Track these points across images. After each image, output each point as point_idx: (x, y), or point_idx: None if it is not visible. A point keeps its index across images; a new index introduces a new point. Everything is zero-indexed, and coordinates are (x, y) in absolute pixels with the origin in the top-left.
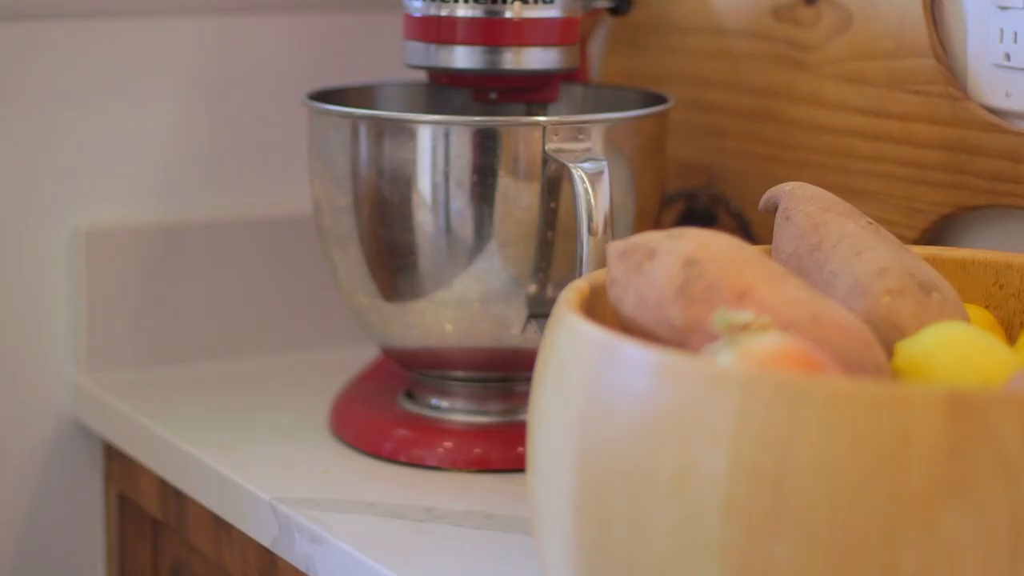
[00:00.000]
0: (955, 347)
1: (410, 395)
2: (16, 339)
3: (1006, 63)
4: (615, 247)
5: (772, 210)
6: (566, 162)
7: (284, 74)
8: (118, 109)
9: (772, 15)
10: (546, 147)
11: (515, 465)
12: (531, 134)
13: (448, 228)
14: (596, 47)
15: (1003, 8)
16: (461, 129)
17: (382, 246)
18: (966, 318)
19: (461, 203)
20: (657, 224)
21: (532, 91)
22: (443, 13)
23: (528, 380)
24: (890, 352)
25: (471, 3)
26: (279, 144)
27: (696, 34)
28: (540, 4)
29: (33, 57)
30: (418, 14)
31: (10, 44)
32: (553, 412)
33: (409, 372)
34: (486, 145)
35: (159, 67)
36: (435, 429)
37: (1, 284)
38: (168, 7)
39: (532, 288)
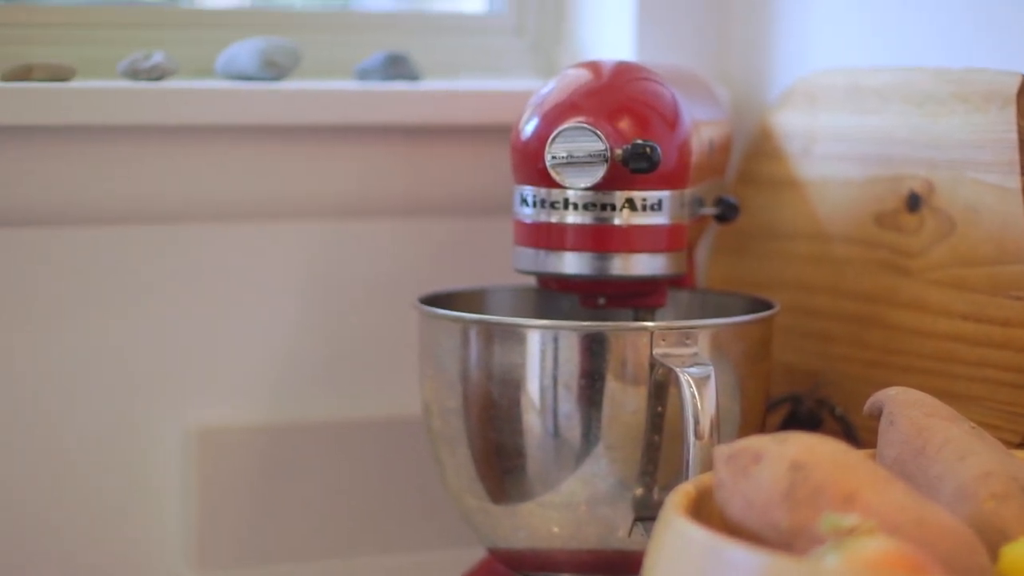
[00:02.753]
0: None
1: None
2: (129, 537)
3: None
4: (722, 451)
5: (876, 415)
6: (673, 367)
7: (395, 277)
8: (231, 310)
9: (875, 222)
10: (653, 352)
11: None
12: (638, 339)
13: (556, 431)
14: (702, 253)
15: None
16: (570, 334)
17: (491, 448)
18: None
19: (569, 406)
20: (762, 428)
21: (640, 296)
22: (553, 220)
23: None
24: (995, 556)
25: (580, 210)
26: (389, 346)
27: (800, 240)
28: (648, 211)
29: (151, 258)
30: (528, 220)
31: (130, 245)
32: None
33: (515, 573)
34: (594, 349)
35: (272, 269)
36: None
37: (114, 483)
38: (281, 211)
39: (639, 491)
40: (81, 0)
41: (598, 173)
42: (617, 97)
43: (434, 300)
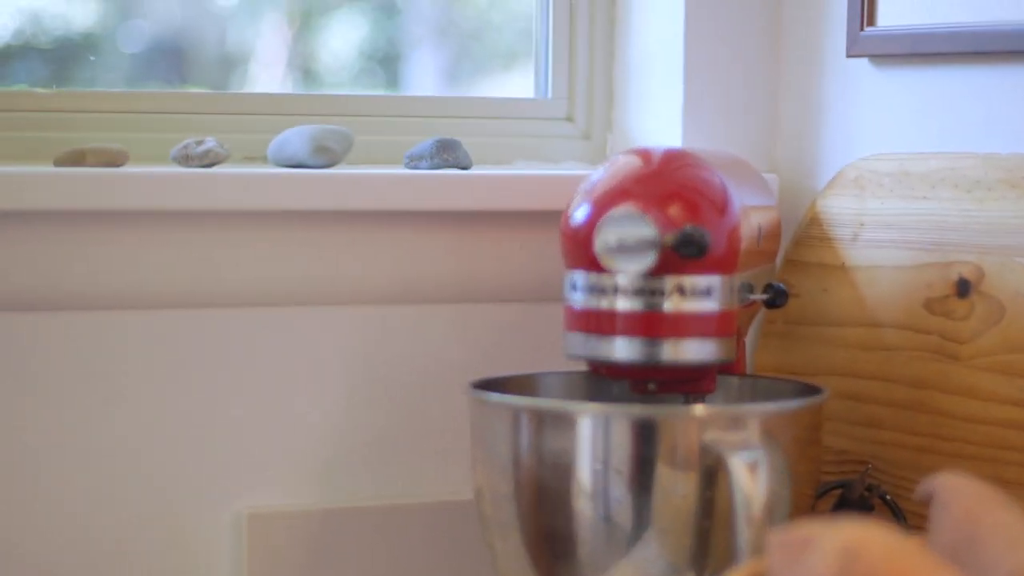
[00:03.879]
0: None
1: None
2: None
3: None
4: (773, 537)
5: (927, 501)
6: (723, 452)
7: (445, 362)
8: (282, 395)
9: (925, 307)
10: (703, 437)
11: None
12: (689, 424)
13: (607, 516)
14: (752, 338)
15: None
16: (620, 419)
17: (542, 533)
18: None
19: (620, 491)
20: (813, 513)
21: (690, 382)
22: (603, 305)
23: None
24: None
25: (631, 296)
26: (439, 431)
27: (850, 326)
28: (698, 297)
29: (205, 342)
30: (579, 306)
31: (184, 329)
32: None
33: None
34: (645, 435)
35: (323, 353)
36: None
37: (165, 566)
38: (332, 296)
39: None
40: (133, 86)
41: (648, 259)
42: (667, 183)
43: (485, 385)
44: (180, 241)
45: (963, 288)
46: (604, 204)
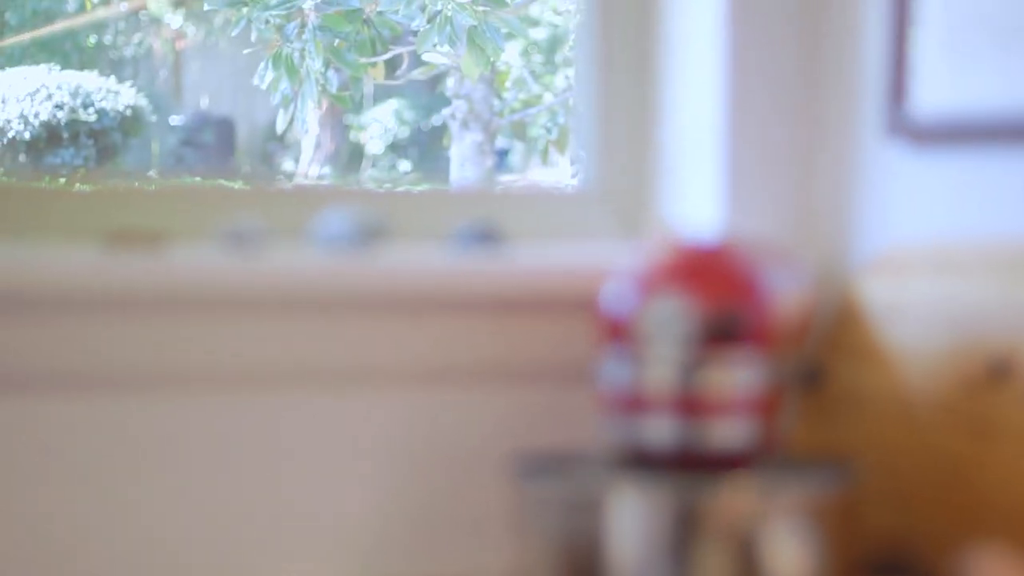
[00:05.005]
0: None
1: None
2: None
3: None
4: None
5: None
6: (760, 531)
7: (483, 444)
8: (321, 475)
9: (961, 388)
10: (740, 516)
11: None
12: (726, 504)
13: None
14: (788, 418)
15: None
16: (658, 500)
17: None
18: None
19: (659, 571)
20: None
21: (727, 462)
22: (641, 387)
23: None
24: None
25: (667, 379)
26: (478, 512)
27: (886, 406)
28: (735, 379)
29: (244, 426)
30: (617, 388)
31: (228, 412)
32: None
33: None
34: (683, 514)
35: (361, 435)
36: None
37: None
38: (372, 378)
39: None
40: (179, 164)
41: (686, 342)
42: (704, 268)
43: (524, 468)
44: (224, 324)
45: (999, 370)
46: (642, 289)
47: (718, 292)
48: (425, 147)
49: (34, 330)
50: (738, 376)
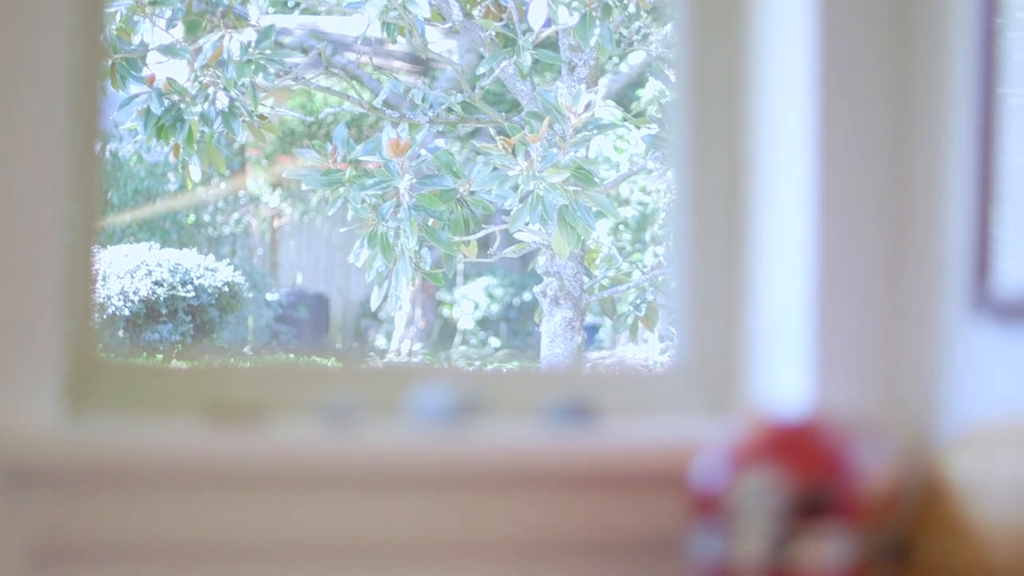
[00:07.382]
0: None
1: None
2: None
3: None
4: None
5: None
6: None
7: None
8: None
9: None
10: None
11: None
12: None
13: None
14: None
15: None
16: None
17: None
18: None
19: None
20: None
21: None
22: (732, 562)
23: None
24: None
25: (758, 552)
26: None
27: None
28: (825, 553)
29: None
30: (709, 563)
31: None
32: None
33: None
34: None
35: None
36: None
37: None
38: (462, 552)
39: None
40: (275, 339)
41: (776, 519)
42: (794, 443)
43: None
44: (322, 498)
45: None
46: (733, 465)
47: (808, 467)
48: (515, 323)
49: (136, 502)
50: (828, 550)
